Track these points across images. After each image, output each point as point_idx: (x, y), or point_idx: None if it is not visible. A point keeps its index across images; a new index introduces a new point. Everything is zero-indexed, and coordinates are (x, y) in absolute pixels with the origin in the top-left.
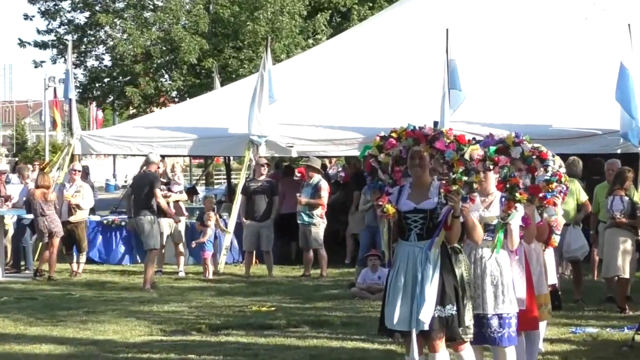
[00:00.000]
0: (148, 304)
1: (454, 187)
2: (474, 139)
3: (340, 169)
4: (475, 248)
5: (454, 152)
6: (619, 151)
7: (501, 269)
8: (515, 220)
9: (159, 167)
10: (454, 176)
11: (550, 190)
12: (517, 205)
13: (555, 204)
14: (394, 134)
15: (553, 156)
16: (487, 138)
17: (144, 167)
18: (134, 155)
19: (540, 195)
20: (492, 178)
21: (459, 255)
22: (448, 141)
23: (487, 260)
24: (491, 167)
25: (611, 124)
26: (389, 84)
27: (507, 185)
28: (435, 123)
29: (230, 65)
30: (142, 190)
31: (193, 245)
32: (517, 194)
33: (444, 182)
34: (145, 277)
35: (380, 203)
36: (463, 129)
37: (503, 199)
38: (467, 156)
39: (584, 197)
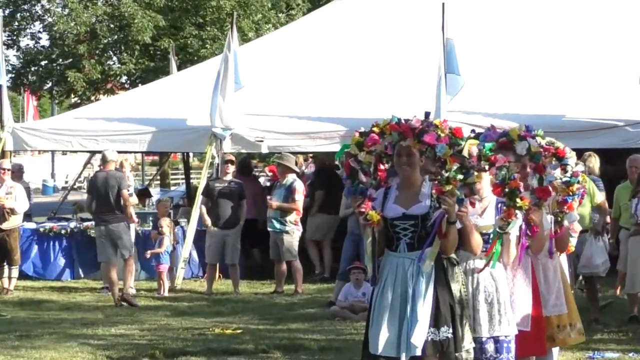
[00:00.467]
0: (92, 327)
1: (448, 188)
2: (473, 131)
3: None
4: (466, 260)
5: (446, 146)
6: None
7: (497, 284)
8: (515, 230)
9: (123, 166)
10: (447, 174)
11: (571, 193)
12: (517, 212)
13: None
14: (375, 129)
15: (570, 152)
16: (489, 131)
17: (100, 167)
18: (75, 152)
19: (560, 199)
20: (487, 179)
21: (455, 268)
22: (441, 134)
23: (480, 275)
24: (486, 167)
25: (635, 114)
26: (376, 67)
27: (506, 190)
28: (427, 114)
29: (190, 46)
30: (109, 193)
31: (148, 255)
32: (518, 200)
33: (435, 182)
34: (126, 287)
35: (363, 210)
36: (461, 120)
37: (500, 205)
38: (465, 152)
39: (599, 197)
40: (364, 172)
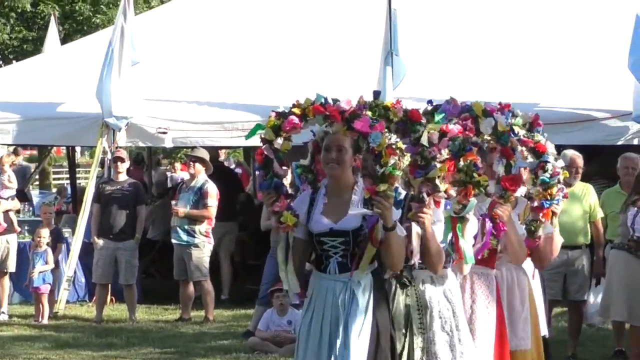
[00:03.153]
0: None
1: (382, 188)
2: (430, 102)
3: (234, 165)
4: (415, 279)
5: (382, 134)
6: (635, 141)
7: (453, 307)
8: (471, 225)
9: (2, 162)
10: (382, 170)
11: (549, 197)
12: (476, 191)
13: (554, 214)
14: (296, 110)
15: (551, 147)
16: (448, 104)
17: None
18: None
19: (535, 204)
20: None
21: (407, 289)
22: (375, 120)
23: (432, 296)
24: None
25: (621, 104)
26: (305, 42)
27: (461, 163)
28: (377, 93)
29: (79, 12)
30: None
31: (36, 275)
32: (475, 175)
33: (368, 179)
34: None
35: (277, 209)
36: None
37: (448, 207)
38: (424, 140)
39: (599, 213)
40: (281, 162)
